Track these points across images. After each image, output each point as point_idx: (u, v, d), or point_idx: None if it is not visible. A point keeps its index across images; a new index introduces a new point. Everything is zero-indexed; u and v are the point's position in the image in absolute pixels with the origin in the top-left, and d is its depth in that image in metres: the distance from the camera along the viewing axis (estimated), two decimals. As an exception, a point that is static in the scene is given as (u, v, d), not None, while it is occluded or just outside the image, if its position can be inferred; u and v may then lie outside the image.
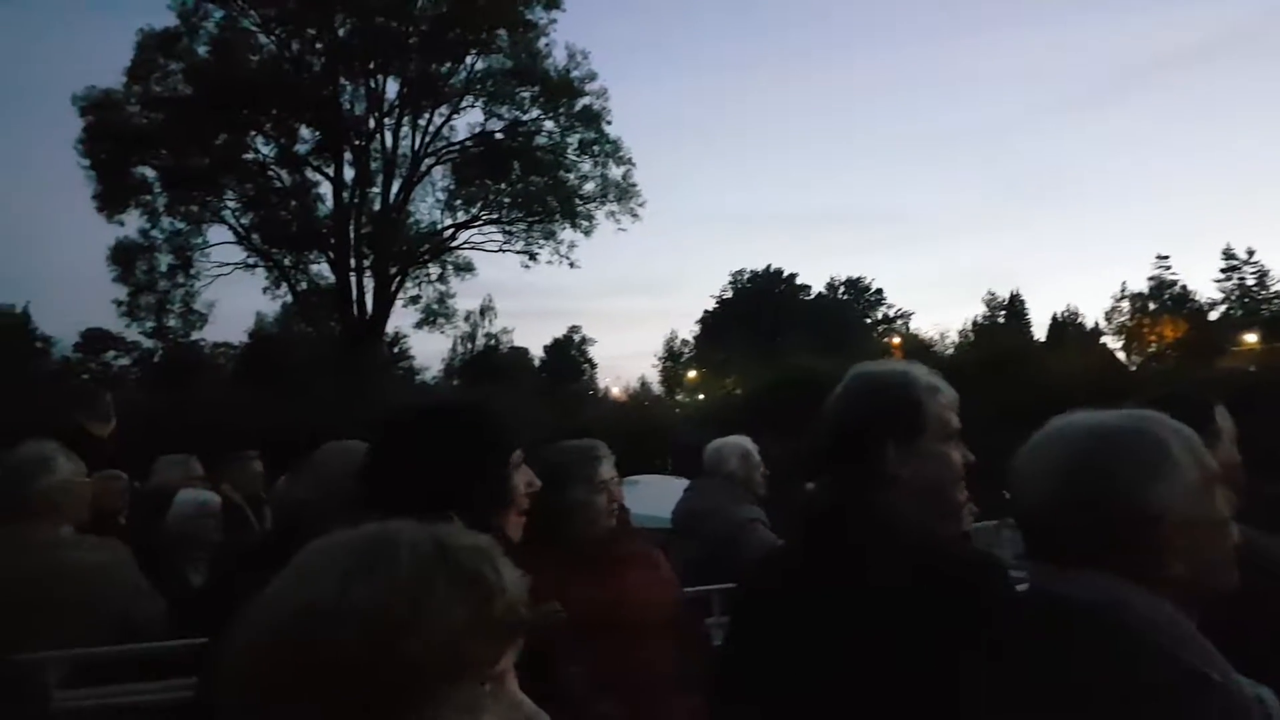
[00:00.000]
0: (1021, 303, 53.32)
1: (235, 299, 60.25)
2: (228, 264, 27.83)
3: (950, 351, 30.64)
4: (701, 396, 37.68)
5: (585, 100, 28.54)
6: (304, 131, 27.59)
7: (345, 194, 27.69)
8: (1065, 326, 48.50)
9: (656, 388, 47.91)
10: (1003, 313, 52.83)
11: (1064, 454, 1.28)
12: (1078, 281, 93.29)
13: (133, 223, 26.84)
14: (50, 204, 75.18)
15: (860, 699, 1.40)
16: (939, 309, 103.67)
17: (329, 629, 0.73)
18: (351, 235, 27.41)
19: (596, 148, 28.87)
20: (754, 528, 3.58)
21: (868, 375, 1.67)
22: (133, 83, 26.07)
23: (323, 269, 28.56)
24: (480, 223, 29.44)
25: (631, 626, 2.31)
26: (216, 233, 27.82)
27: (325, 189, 28.17)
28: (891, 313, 55.44)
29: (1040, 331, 47.20)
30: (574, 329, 52.61)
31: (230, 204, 27.60)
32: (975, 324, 49.58)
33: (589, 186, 29.12)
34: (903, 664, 1.38)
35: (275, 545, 2.85)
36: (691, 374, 48.76)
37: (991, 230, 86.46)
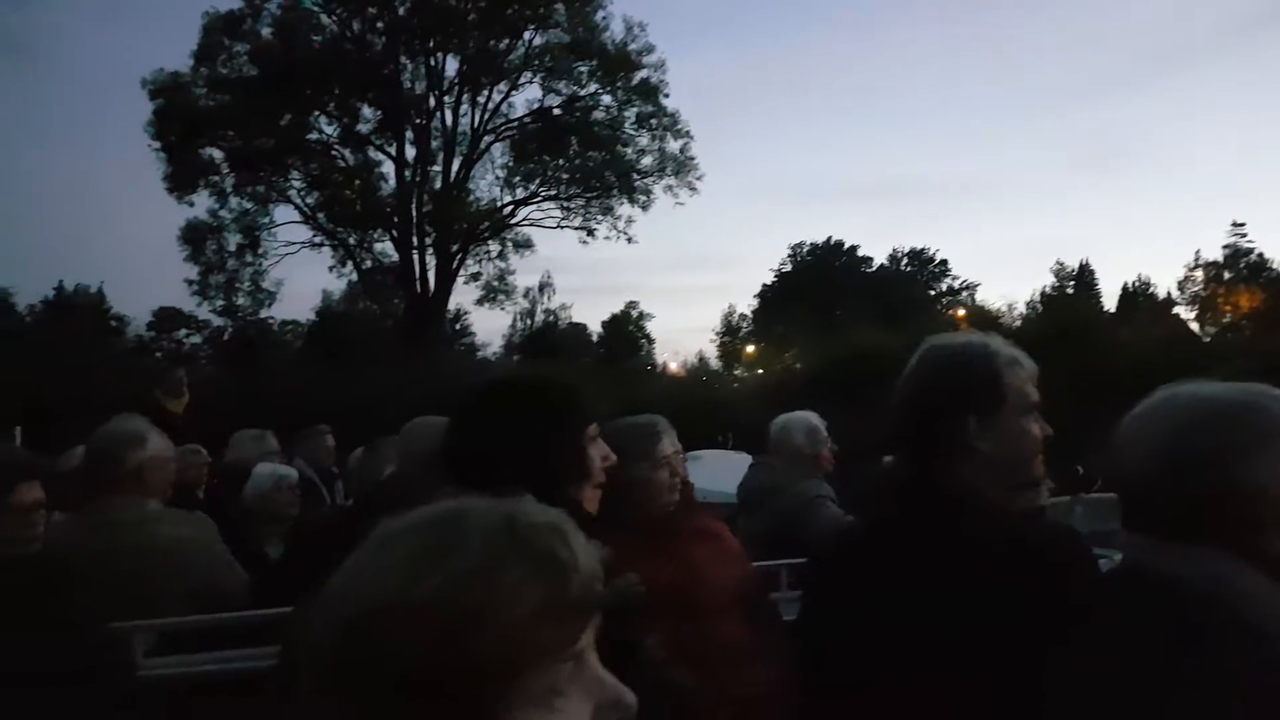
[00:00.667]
0: (1091, 273, 51.81)
1: (302, 277, 61.75)
2: (294, 243, 28.51)
3: (1018, 324, 29.92)
4: (760, 371, 37.44)
5: (643, 73, 28.46)
6: (366, 111, 28.05)
7: (407, 172, 28.06)
8: (1136, 297, 47.00)
9: (714, 363, 47.72)
10: (1071, 283, 51.39)
11: (1170, 425, 1.24)
12: (1149, 250, 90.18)
13: (202, 203, 27.63)
14: (123, 186, 77.68)
15: (943, 677, 1.38)
16: (1006, 280, 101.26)
17: (401, 627, 0.71)
18: (414, 213, 27.77)
19: (654, 121, 28.77)
20: (821, 503, 3.56)
21: (945, 347, 1.63)
22: (199, 65, 26.68)
23: (386, 247, 29.08)
24: (539, 199, 29.64)
25: (699, 601, 2.31)
26: (283, 212, 28.51)
27: (388, 168, 28.64)
28: (956, 284, 54.29)
29: (1110, 302, 45.85)
30: (631, 304, 52.61)
31: (296, 184, 28.21)
32: (1043, 295, 48.39)
33: (646, 161, 29.08)
34: (987, 642, 1.35)
35: (356, 519, 2.92)
36: (750, 349, 48.47)
37: (1060, 198, 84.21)
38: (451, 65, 28.02)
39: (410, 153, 28.10)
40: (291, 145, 27.21)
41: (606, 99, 28.92)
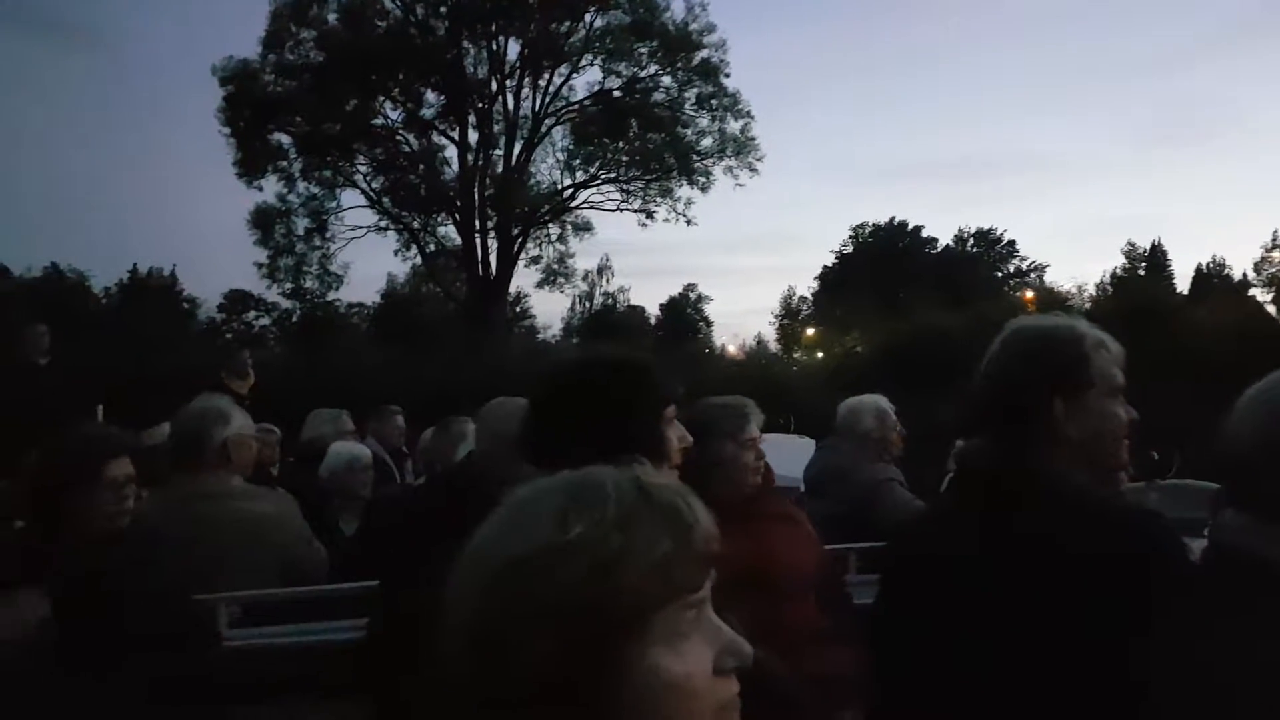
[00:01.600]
0: (1163, 254, 50.08)
1: (368, 261, 62.85)
2: (360, 227, 28.96)
3: (1087, 306, 29.10)
4: (820, 355, 37.07)
5: (703, 53, 28.18)
6: (429, 95, 28.32)
7: (469, 156, 28.30)
8: (1210, 278, 45.30)
9: (773, 346, 47.41)
10: (1143, 265, 49.82)
11: (1276, 406, 1.22)
12: (1224, 231, 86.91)
13: (270, 188, 28.15)
14: (195, 172, 79.85)
15: (1027, 668, 1.35)
16: (1075, 262, 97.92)
17: (554, 566, 0.78)
18: (476, 197, 28.01)
19: (714, 102, 28.50)
20: (891, 487, 3.52)
21: (1032, 328, 1.60)
22: (268, 52, 27.18)
23: (449, 231, 29.38)
24: (598, 182, 29.65)
25: (776, 583, 2.31)
26: (349, 197, 28.94)
27: (451, 152, 28.89)
28: (1024, 266, 52.97)
29: (1183, 284, 44.30)
30: (690, 286, 52.51)
31: (361, 169, 28.61)
32: (1114, 276, 46.98)
33: (707, 142, 28.85)
34: (1074, 632, 1.32)
35: (431, 498, 2.98)
36: (809, 331, 48.00)
37: (1134, 175, 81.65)
38: (513, 49, 28.16)
39: (473, 137, 28.34)
40: (357, 130, 27.60)
41: (667, 80, 28.77)
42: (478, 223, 28.20)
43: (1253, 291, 42.53)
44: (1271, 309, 38.08)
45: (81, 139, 76.57)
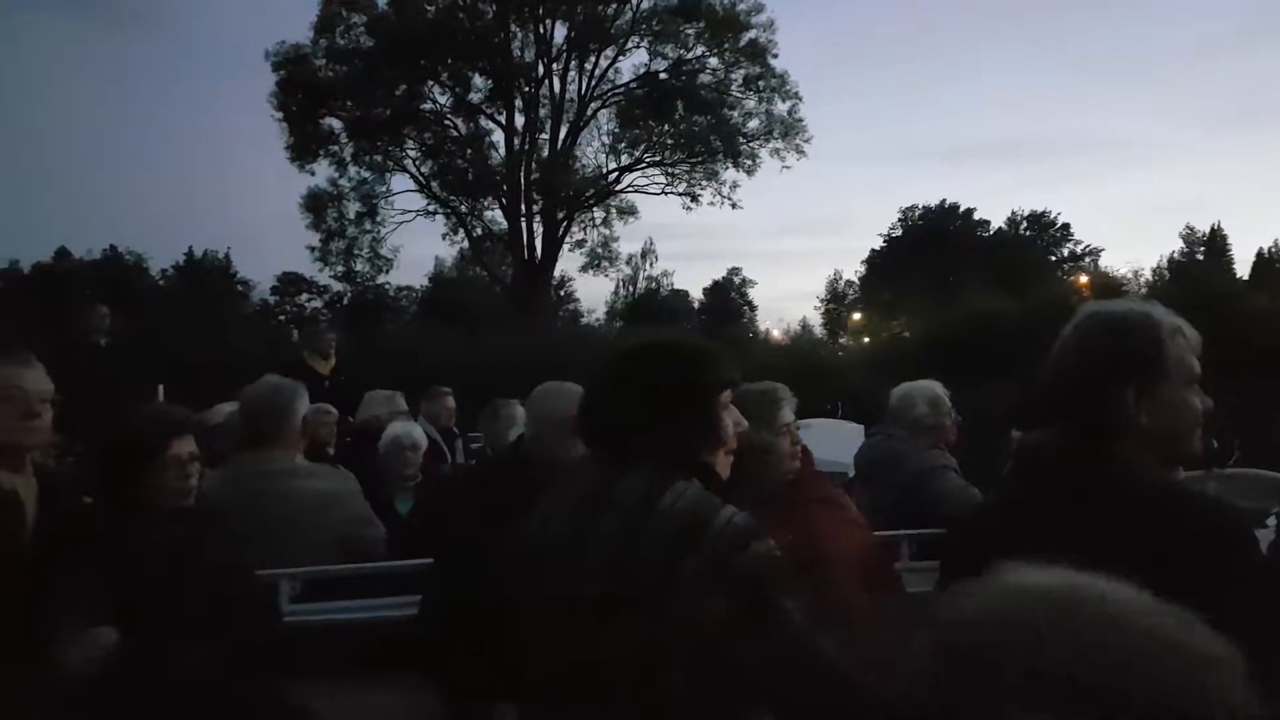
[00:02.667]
0: (1223, 238, 48.64)
1: (416, 244, 63.48)
2: (410, 211, 29.27)
3: (1144, 291, 28.39)
4: (866, 340, 36.67)
5: (751, 34, 27.93)
6: (477, 80, 28.42)
7: (516, 140, 28.39)
8: (1272, 263, 43.89)
9: (818, 330, 46.99)
10: (1201, 249, 48.44)
11: None
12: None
13: (322, 172, 28.55)
14: (249, 156, 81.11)
15: None
16: (1131, 245, 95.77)
17: None
18: (522, 182, 28.10)
19: (761, 83, 28.26)
20: (945, 474, 3.47)
21: (1106, 315, 1.55)
22: (319, 37, 27.48)
23: (496, 215, 29.56)
24: (643, 165, 29.58)
25: (822, 568, 2.29)
26: (399, 181, 29.25)
27: (498, 136, 29.02)
28: (1079, 250, 51.77)
29: (1243, 269, 42.99)
30: (734, 270, 52.24)
31: (410, 153, 28.86)
32: (1171, 261, 45.78)
33: (753, 124, 28.63)
34: None
35: (484, 478, 3.01)
36: (856, 316, 47.48)
37: (1190, 160, 79.53)
38: (560, 32, 28.16)
39: (519, 121, 28.45)
40: (407, 115, 27.82)
41: (713, 61, 28.59)
42: (523, 207, 28.32)
43: (1316, 277, 41.18)
44: (1337, 295, 36.82)
45: (139, 123, 78.34)
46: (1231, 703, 0.69)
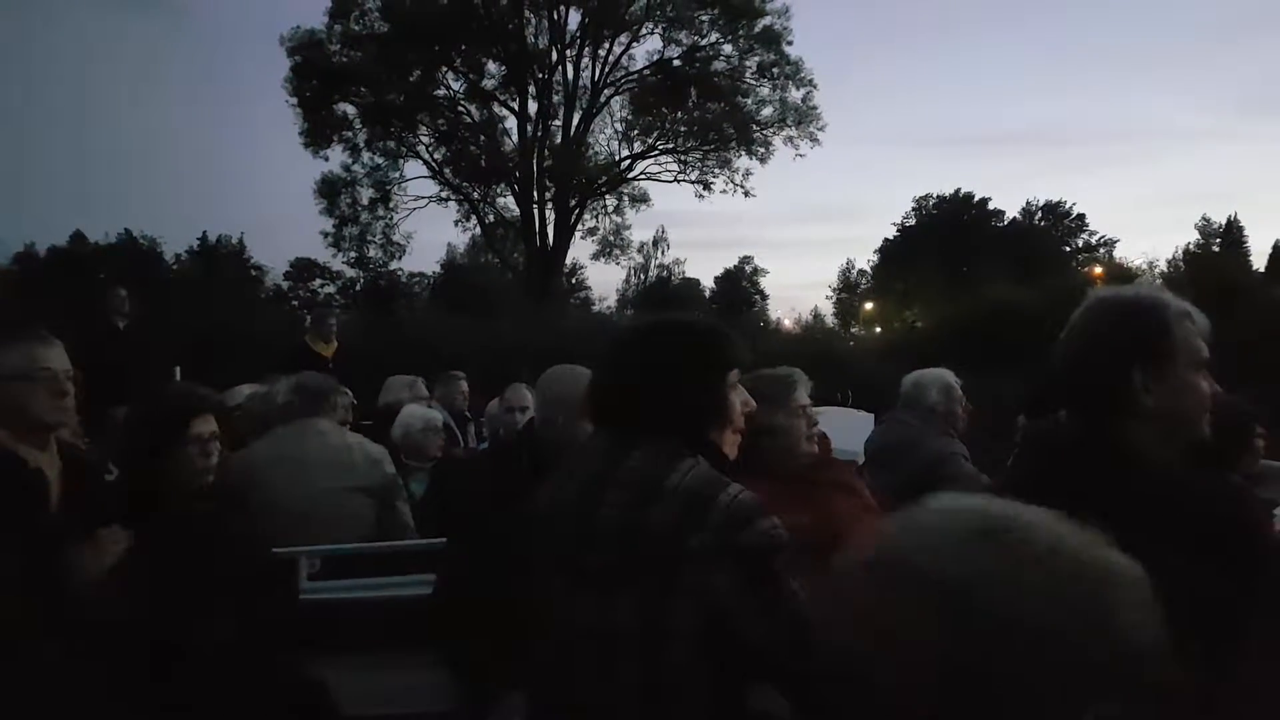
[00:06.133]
0: (1240, 230, 48.17)
1: (428, 231, 63.59)
2: (422, 197, 29.27)
3: (1159, 282, 28.19)
4: (878, 329, 36.54)
5: (765, 20, 27.72)
6: (491, 66, 28.36)
7: (529, 127, 28.35)
8: (1289, 255, 43.41)
9: (830, 320, 46.86)
10: (1218, 240, 47.96)
11: None
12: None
13: (336, 158, 28.54)
14: (263, 141, 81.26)
15: None
16: (1146, 236, 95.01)
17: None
18: (535, 168, 28.07)
19: (776, 70, 28.06)
20: (956, 460, 3.50)
21: (1115, 299, 1.56)
22: (334, 22, 27.44)
23: (508, 201, 29.52)
24: (656, 153, 29.46)
25: (836, 552, 2.30)
26: (412, 168, 29.24)
27: (511, 123, 28.98)
28: (1094, 240, 51.38)
29: (1260, 260, 42.54)
30: (746, 259, 52.09)
31: (424, 139, 28.84)
32: (1187, 252, 45.39)
33: (767, 111, 28.45)
34: (1165, 610, 1.31)
35: (496, 461, 3.05)
36: (868, 305, 47.30)
37: (1208, 150, 78.73)
38: (574, 18, 28.05)
39: (532, 108, 28.38)
40: (420, 101, 27.80)
41: (727, 48, 28.39)
42: (535, 194, 28.29)
43: (1335, 269, 40.66)
44: (1355, 289, 36.35)
45: (154, 107, 78.56)
46: (1132, 619, 0.71)
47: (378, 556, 2.86)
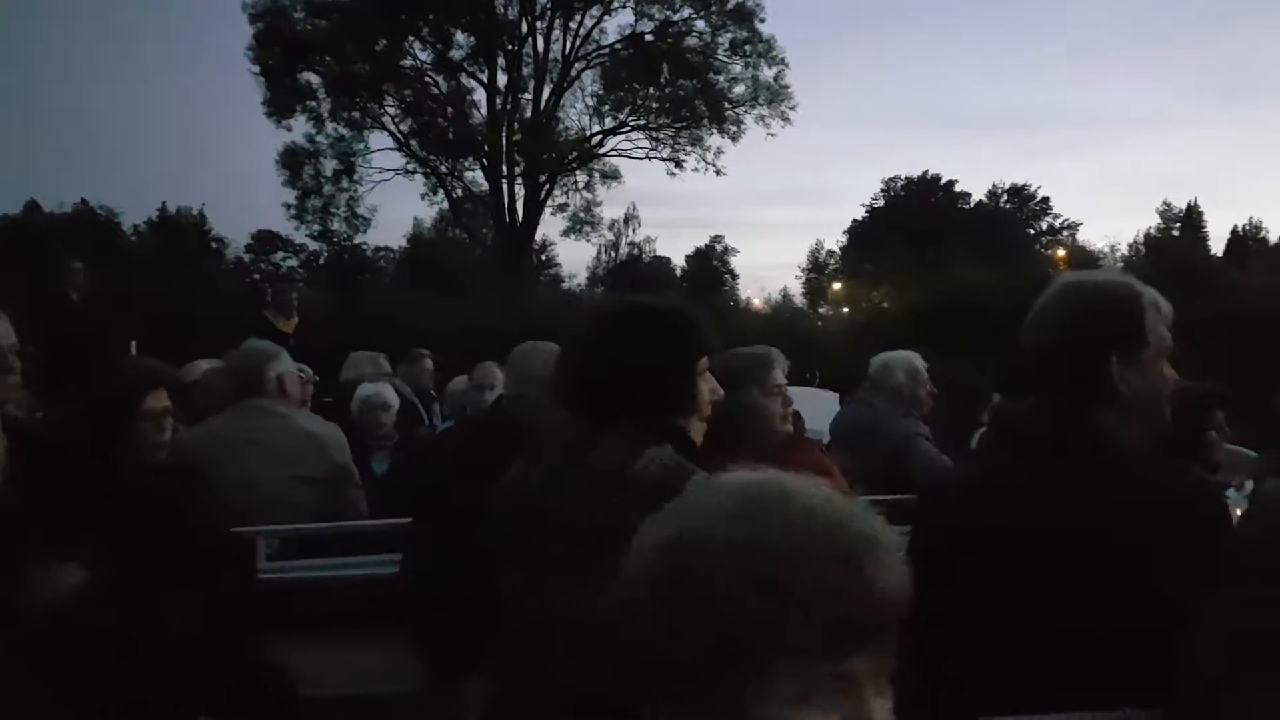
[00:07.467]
0: (1199, 215, 48.95)
1: (395, 204, 62.76)
2: (388, 170, 28.87)
3: (1120, 265, 28.63)
4: (846, 310, 36.76)
5: (738, -3, 27.57)
6: (459, 37, 27.95)
7: (498, 100, 28.04)
8: (1246, 241, 44.24)
9: (799, 300, 47.02)
10: (1178, 225, 48.73)
11: None
12: (1263, 190, 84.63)
13: (300, 128, 28.02)
14: (225, 110, 79.70)
15: (1088, 636, 1.34)
16: (1109, 218, 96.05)
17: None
18: (504, 142, 27.79)
19: (748, 47, 27.98)
20: (919, 442, 3.53)
21: (1089, 286, 1.57)
22: (299, -11, 26.88)
23: (477, 176, 29.23)
24: (627, 129, 29.29)
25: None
26: (377, 139, 28.80)
27: (479, 96, 28.63)
28: (1058, 223, 52.00)
29: (1218, 245, 43.27)
30: (716, 238, 52.09)
31: (390, 110, 28.42)
32: (1148, 236, 46.06)
33: (739, 89, 28.37)
34: (1138, 598, 1.31)
35: (461, 440, 3.02)
36: (837, 286, 47.54)
37: (1168, 136, 79.78)
38: (546, -12, 27.69)
39: (501, 80, 28.06)
40: (387, 71, 27.35)
41: (700, 24, 28.23)
42: (504, 168, 28.02)
43: (1290, 256, 41.50)
44: (1310, 274, 37.12)
45: (112, 74, 76.74)
46: (884, 582, 0.76)
47: (335, 536, 2.82)
